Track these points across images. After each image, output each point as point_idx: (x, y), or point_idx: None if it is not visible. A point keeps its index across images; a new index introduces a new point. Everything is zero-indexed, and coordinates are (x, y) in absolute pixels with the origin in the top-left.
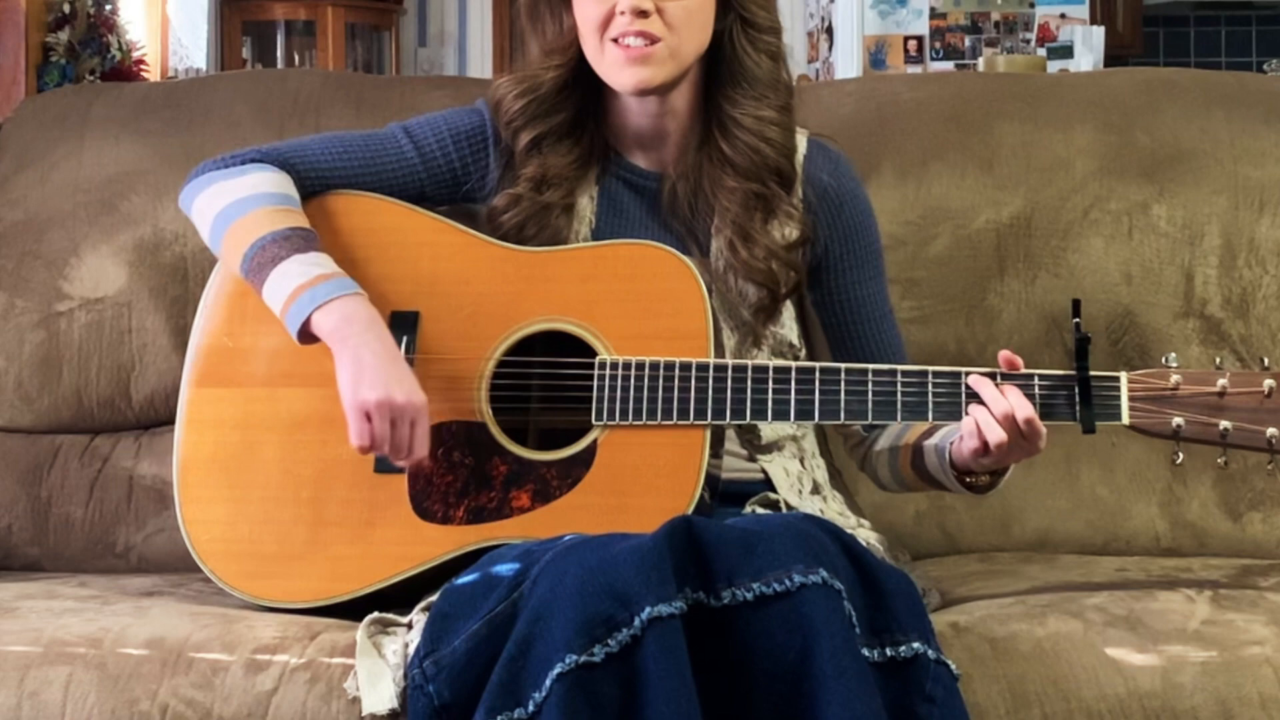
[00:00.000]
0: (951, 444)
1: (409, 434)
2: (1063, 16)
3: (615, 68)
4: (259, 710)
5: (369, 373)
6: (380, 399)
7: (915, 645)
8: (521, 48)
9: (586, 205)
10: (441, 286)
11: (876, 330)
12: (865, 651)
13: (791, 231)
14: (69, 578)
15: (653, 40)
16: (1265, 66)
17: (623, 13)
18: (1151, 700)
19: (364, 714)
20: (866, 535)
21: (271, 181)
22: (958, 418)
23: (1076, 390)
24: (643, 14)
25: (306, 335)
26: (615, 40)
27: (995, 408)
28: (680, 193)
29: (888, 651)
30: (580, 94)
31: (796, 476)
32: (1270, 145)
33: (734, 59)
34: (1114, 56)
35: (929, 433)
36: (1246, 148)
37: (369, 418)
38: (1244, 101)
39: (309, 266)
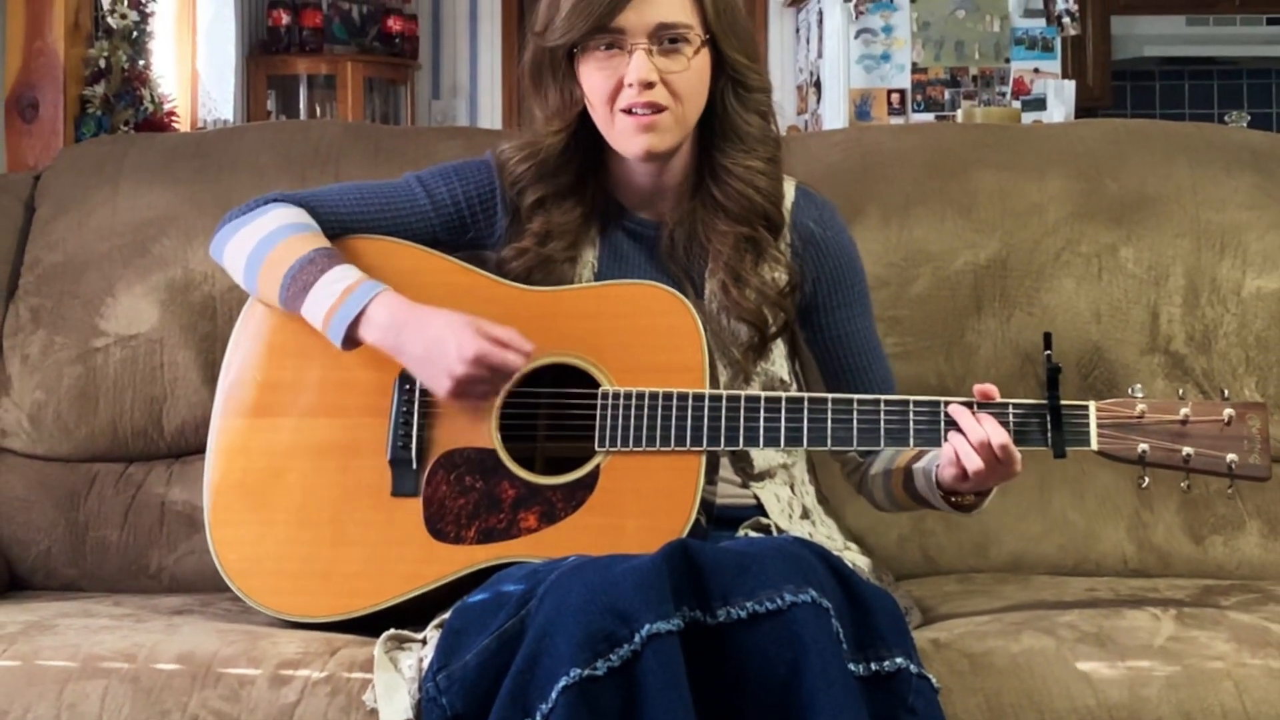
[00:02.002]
0: (937, 467)
1: (494, 370)
2: (1036, 71)
3: (625, 136)
4: None
5: (429, 369)
6: (452, 384)
7: (898, 660)
8: (527, 106)
9: (589, 253)
10: None
11: (867, 364)
12: (852, 666)
13: (780, 275)
14: (104, 597)
15: (659, 109)
16: (1226, 118)
17: (630, 84)
18: (1119, 712)
19: None
20: (853, 557)
21: (289, 215)
22: (937, 443)
23: (1048, 417)
24: (649, 85)
25: (352, 342)
26: (624, 110)
27: (972, 436)
28: (677, 239)
29: (873, 666)
30: (582, 156)
31: (787, 502)
32: (1230, 191)
33: (725, 117)
34: (1084, 108)
35: (918, 456)
36: (1208, 194)
37: (464, 394)
38: (1206, 151)
39: (333, 284)
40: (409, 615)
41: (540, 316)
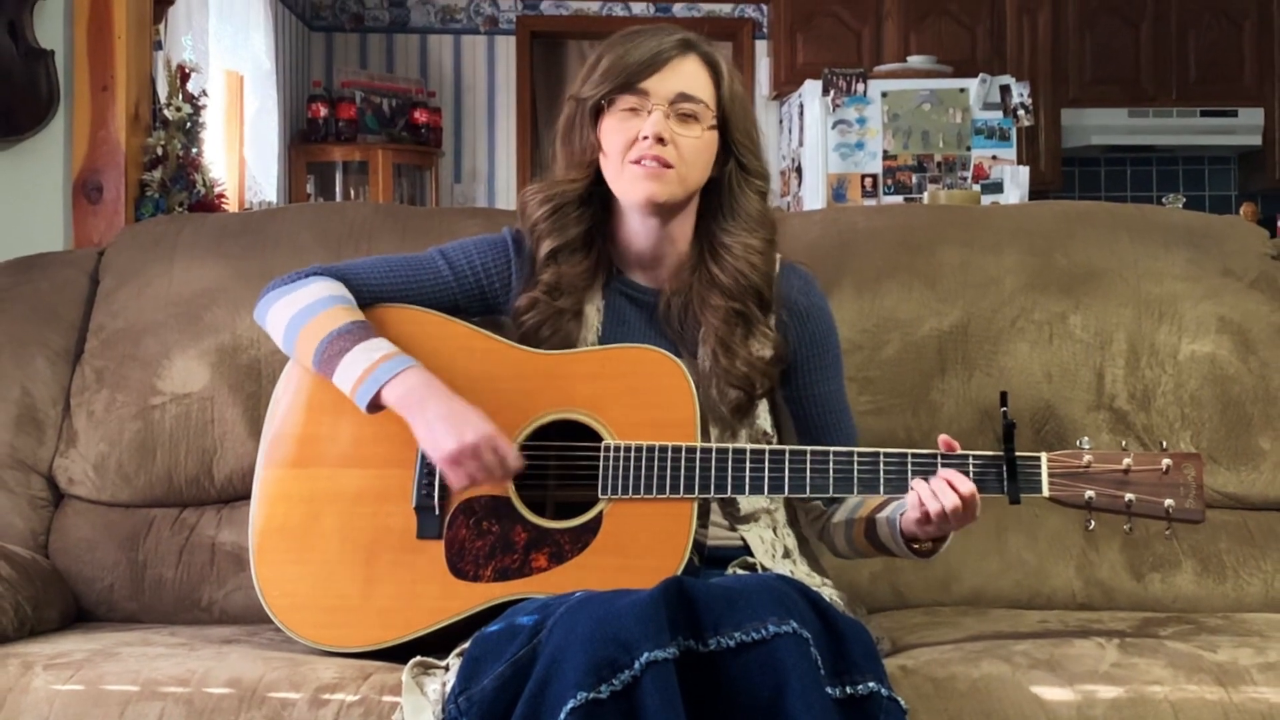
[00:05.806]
0: (901, 515)
1: (495, 458)
2: (994, 158)
3: (632, 182)
4: None
5: (440, 428)
6: (457, 447)
7: (871, 684)
8: (544, 166)
9: (594, 315)
10: (473, 383)
11: (835, 421)
12: (829, 689)
13: (766, 349)
14: (161, 628)
15: (666, 164)
16: (1164, 200)
17: (645, 137)
18: None
19: None
20: (830, 593)
21: (329, 288)
22: (904, 491)
23: (1004, 468)
24: (661, 140)
25: (376, 407)
26: (634, 161)
27: (941, 490)
28: (673, 307)
29: (847, 689)
30: (593, 211)
31: (770, 543)
32: (1168, 265)
33: (729, 196)
34: (1037, 191)
35: (880, 507)
36: (1148, 268)
37: (458, 463)
38: (1146, 229)
39: (370, 352)
40: (433, 645)
41: (549, 376)
